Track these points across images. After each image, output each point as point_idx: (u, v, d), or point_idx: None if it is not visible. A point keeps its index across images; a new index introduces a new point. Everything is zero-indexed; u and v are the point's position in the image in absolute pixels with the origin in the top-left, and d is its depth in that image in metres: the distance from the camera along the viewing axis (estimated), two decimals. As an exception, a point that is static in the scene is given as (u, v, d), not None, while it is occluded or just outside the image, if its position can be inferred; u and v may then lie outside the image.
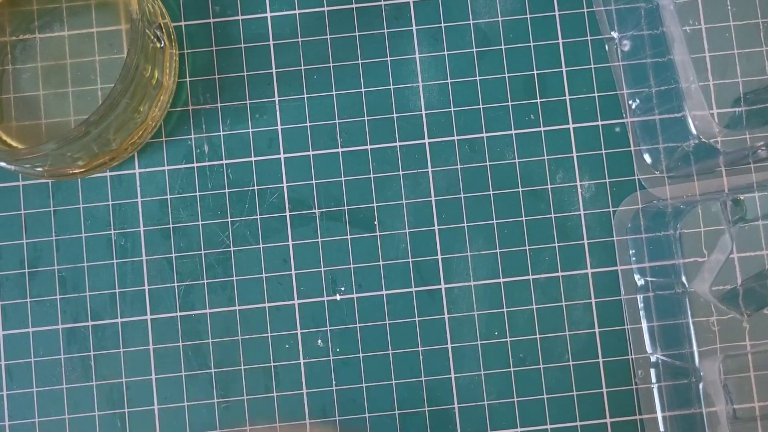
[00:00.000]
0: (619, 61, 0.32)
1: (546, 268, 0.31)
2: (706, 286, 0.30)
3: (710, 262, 0.30)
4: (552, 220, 0.31)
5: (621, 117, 0.32)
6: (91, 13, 0.31)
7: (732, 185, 0.31)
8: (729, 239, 0.30)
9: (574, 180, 0.32)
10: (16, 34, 0.31)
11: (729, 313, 0.30)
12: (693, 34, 0.32)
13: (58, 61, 0.31)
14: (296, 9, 0.32)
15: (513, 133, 0.32)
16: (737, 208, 0.30)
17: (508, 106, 0.32)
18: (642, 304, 0.31)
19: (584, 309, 0.31)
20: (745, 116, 0.31)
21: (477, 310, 0.31)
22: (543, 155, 0.32)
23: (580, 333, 0.31)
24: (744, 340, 0.30)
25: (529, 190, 0.32)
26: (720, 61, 0.32)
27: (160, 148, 0.32)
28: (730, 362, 0.30)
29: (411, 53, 0.32)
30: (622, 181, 0.32)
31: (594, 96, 0.32)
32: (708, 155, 0.30)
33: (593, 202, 0.32)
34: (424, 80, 0.32)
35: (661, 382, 0.31)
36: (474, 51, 0.32)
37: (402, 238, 0.31)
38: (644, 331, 0.31)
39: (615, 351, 0.31)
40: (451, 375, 0.31)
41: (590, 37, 0.32)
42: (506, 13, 0.32)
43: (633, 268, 0.31)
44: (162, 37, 0.30)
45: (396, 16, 0.32)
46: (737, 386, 0.30)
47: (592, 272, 0.31)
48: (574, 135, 0.32)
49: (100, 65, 0.31)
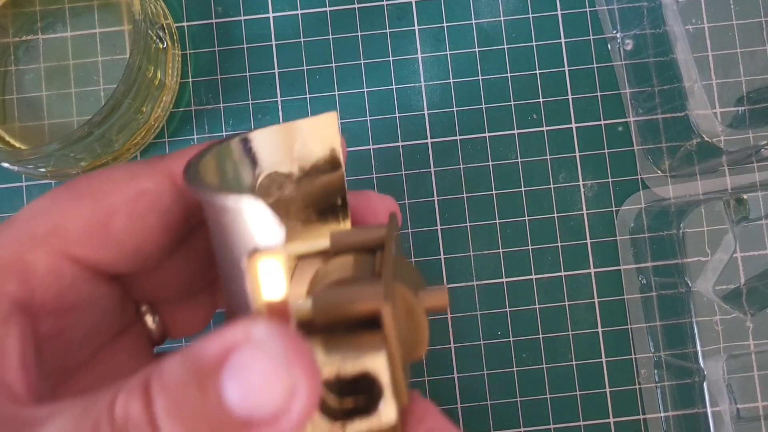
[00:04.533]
0: (622, 61, 0.32)
1: (549, 268, 0.31)
2: (709, 285, 0.30)
3: (713, 262, 0.30)
4: (555, 220, 0.31)
5: (624, 116, 0.32)
6: (94, 14, 0.31)
7: (735, 184, 0.31)
8: (732, 238, 0.30)
9: (577, 180, 0.32)
10: (19, 35, 0.31)
11: (732, 312, 0.30)
12: (696, 33, 0.32)
13: (61, 62, 0.31)
14: (298, 9, 0.32)
15: (515, 133, 0.32)
16: (740, 207, 0.30)
17: (510, 105, 0.32)
18: (645, 304, 0.31)
19: (587, 309, 0.31)
20: (748, 115, 0.31)
21: (480, 310, 0.31)
22: (546, 155, 0.32)
23: (583, 333, 0.31)
24: (747, 340, 0.30)
25: (531, 190, 0.32)
26: (723, 60, 0.32)
27: (163, 149, 0.32)
28: (733, 362, 0.30)
29: (413, 53, 0.32)
30: (625, 180, 0.32)
31: (596, 95, 0.32)
32: (711, 154, 0.30)
33: (596, 202, 0.32)
34: (426, 80, 0.32)
35: (665, 382, 0.31)
36: (476, 51, 0.32)
37: (405, 238, 0.31)
38: (647, 330, 0.31)
39: (618, 351, 0.31)
40: (454, 375, 0.31)
41: (593, 36, 0.32)
42: (508, 12, 0.32)
43: (636, 267, 0.31)
44: (164, 37, 0.30)
45: (398, 16, 0.32)
46: (741, 386, 0.30)
47: (595, 272, 0.31)
48: (577, 135, 0.32)
49: (102, 66, 0.31)
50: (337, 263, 0.20)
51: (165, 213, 0.20)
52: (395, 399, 0.17)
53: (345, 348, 0.17)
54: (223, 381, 0.15)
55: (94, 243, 0.19)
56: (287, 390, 0.14)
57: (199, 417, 0.15)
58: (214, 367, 0.15)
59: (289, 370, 0.14)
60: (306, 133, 0.20)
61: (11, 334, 0.17)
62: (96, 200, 0.19)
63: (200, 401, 0.15)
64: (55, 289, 0.18)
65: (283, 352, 0.14)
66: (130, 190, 0.19)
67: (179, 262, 0.22)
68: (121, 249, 0.19)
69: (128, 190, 0.19)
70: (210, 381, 0.15)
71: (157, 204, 0.19)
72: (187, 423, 0.15)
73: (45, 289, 0.18)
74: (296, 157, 0.21)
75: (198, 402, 0.15)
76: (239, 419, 0.15)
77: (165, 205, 0.19)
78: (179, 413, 0.15)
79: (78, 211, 0.19)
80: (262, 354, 0.14)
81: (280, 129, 0.20)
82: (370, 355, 0.16)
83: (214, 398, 0.15)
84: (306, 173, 0.21)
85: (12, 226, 0.19)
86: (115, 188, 0.19)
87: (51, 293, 0.18)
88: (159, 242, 0.20)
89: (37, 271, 0.18)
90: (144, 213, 0.19)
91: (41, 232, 0.18)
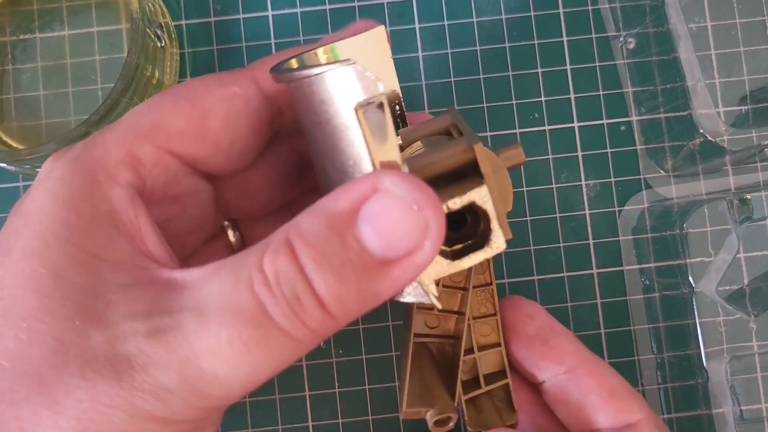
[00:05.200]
0: (624, 59, 0.32)
1: (551, 268, 0.31)
2: (712, 286, 0.30)
3: (717, 262, 0.30)
4: (557, 220, 0.31)
5: (626, 115, 0.32)
6: (92, 12, 0.31)
7: (738, 184, 0.31)
8: (735, 239, 0.30)
9: (579, 179, 0.31)
10: (17, 34, 0.31)
11: (736, 313, 0.30)
12: (699, 32, 0.32)
13: (59, 61, 0.31)
14: (298, 8, 0.32)
15: (517, 132, 0.32)
16: (744, 207, 0.29)
17: (512, 105, 0.32)
18: (647, 305, 0.31)
19: (590, 310, 0.31)
20: (751, 114, 0.31)
21: (481, 311, 0.31)
22: (548, 154, 0.31)
23: (585, 334, 0.31)
24: (751, 341, 0.30)
25: (533, 190, 0.31)
26: (726, 58, 0.32)
27: (162, 149, 0.32)
28: (736, 363, 0.30)
29: (414, 51, 0.32)
30: (628, 180, 0.31)
31: (599, 94, 0.32)
32: (714, 154, 0.30)
33: (598, 202, 0.31)
34: (427, 79, 0.32)
35: (667, 384, 0.30)
36: (477, 49, 0.32)
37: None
38: (650, 331, 0.31)
39: (621, 352, 0.31)
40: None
41: (595, 35, 0.32)
42: (510, 10, 0.32)
43: (639, 268, 0.31)
44: (163, 36, 0.30)
45: (399, 14, 0.32)
46: (744, 387, 0.30)
47: (598, 272, 0.31)
48: (579, 134, 0.32)
49: (100, 65, 0.31)
50: (413, 150, 0.21)
51: (253, 115, 0.22)
52: (502, 229, 0.19)
53: (450, 192, 0.19)
54: (361, 228, 0.17)
55: (192, 140, 0.21)
56: (421, 227, 0.17)
57: (344, 263, 0.17)
58: (348, 217, 0.17)
59: (421, 211, 0.17)
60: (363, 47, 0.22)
61: (141, 215, 0.20)
62: (193, 102, 0.21)
63: (342, 249, 0.17)
64: (162, 179, 0.21)
65: (413, 195, 0.17)
66: (222, 94, 0.21)
67: (260, 175, 0.24)
68: (215, 146, 0.21)
69: (220, 94, 0.21)
70: (348, 230, 0.17)
71: (246, 106, 0.22)
72: (333, 270, 0.17)
73: (153, 179, 0.21)
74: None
75: (340, 250, 0.17)
76: (380, 259, 0.17)
77: (253, 108, 0.22)
78: (325, 263, 0.17)
79: (178, 111, 0.21)
80: (394, 199, 0.17)
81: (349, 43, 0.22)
82: (474, 190, 0.19)
83: (354, 244, 0.17)
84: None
85: (120, 126, 0.21)
86: (209, 92, 0.21)
87: (159, 183, 0.21)
88: (248, 143, 0.22)
89: (145, 163, 0.20)
90: (235, 113, 0.22)
91: (146, 129, 0.20)
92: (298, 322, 0.17)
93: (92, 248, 0.18)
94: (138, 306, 0.18)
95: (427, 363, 0.25)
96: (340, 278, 0.17)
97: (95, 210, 0.19)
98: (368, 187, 0.17)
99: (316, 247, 0.17)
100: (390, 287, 0.17)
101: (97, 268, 0.18)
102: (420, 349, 0.25)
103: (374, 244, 0.17)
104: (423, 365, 0.25)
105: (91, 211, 0.19)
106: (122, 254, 0.19)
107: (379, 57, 0.22)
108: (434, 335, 0.25)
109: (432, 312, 0.25)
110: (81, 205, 0.19)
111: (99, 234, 0.19)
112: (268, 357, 0.17)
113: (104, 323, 0.18)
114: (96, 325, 0.18)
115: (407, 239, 0.17)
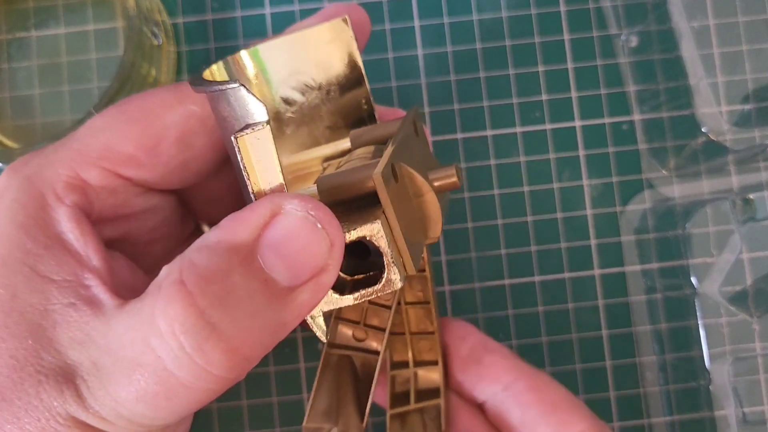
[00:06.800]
0: (626, 58, 0.32)
1: (552, 269, 0.31)
2: (715, 287, 0.30)
3: (719, 263, 0.30)
4: (558, 220, 0.31)
5: (628, 114, 0.31)
6: (88, 10, 0.31)
7: (741, 184, 0.31)
8: (738, 239, 0.30)
9: (581, 179, 0.31)
10: (12, 32, 0.31)
11: (738, 314, 0.29)
12: (701, 30, 0.31)
13: (54, 60, 0.31)
14: (296, 5, 0.32)
15: (518, 131, 0.31)
16: (747, 207, 0.29)
17: (512, 103, 0.31)
18: (650, 306, 0.31)
19: (591, 311, 0.31)
20: (754, 113, 0.31)
21: (481, 313, 0.31)
22: (549, 153, 0.31)
23: (587, 336, 0.30)
24: (754, 342, 0.30)
25: (534, 189, 0.31)
26: (729, 57, 0.31)
27: (158, 148, 0.31)
28: (739, 364, 0.30)
29: (414, 49, 0.32)
30: (630, 180, 0.31)
31: (600, 93, 0.31)
32: (717, 153, 0.30)
33: (600, 202, 0.31)
34: (427, 77, 0.32)
35: (670, 385, 0.30)
36: (478, 47, 0.32)
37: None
38: (652, 333, 0.31)
39: (622, 353, 0.30)
40: (456, 378, 0.30)
41: (596, 33, 0.32)
42: (511, 8, 0.32)
43: (641, 269, 0.31)
44: (159, 34, 0.30)
45: (398, 12, 0.32)
46: (747, 389, 0.30)
47: (599, 273, 0.31)
48: (581, 133, 0.31)
49: (96, 63, 0.31)
50: (356, 156, 0.21)
51: (210, 133, 0.21)
52: (396, 266, 0.18)
53: (352, 220, 0.18)
54: (264, 255, 0.16)
55: (142, 164, 0.21)
56: (327, 246, 0.17)
57: (250, 296, 0.16)
58: (250, 247, 0.16)
59: (325, 230, 0.16)
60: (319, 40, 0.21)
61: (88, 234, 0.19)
62: (147, 122, 0.21)
63: (246, 281, 0.16)
64: (110, 202, 0.21)
65: (316, 214, 0.16)
66: (178, 113, 0.21)
67: (224, 182, 0.24)
68: (167, 168, 0.21)
69: (176, 114, 0.21)
70: (251, 260, 0.16)
71: (202, 125, 0.21)
72: (241, 305, 0.16)
73: (102, 201, 0.21)
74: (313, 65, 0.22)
75: (245, 282, 0.16)
76: (286, 286, 0.16)
77: (210, 126, 0.21)
78: (231, 299, 0.16)
79: (131, 135, 0.20)
80: (297, 221, 0.16)
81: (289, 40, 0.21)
82: (367, 225, 0.18)
83: (259, 274, 0.16)
84: (327, 81, 0.22)
85: (70, 145, 0.20)
86: (164, 111, 0.21)
87: (107, 205, 0.21)
88: (205, 160, 0.22)
89: (93, 186, 0.20)
90: (191, 134, 0.21)
91: (95, 153, 0.20)
92: (203, 373, 0.16)
93: (43, 269, 0.19)
94: (77, 332, 0.18)
95: (346, 377, 0.24)
96: (248, 313, 0.16)
97: (47, 231, 0.19)
98: (267, 213, 0.17)
99: (218, 283, 0.16)
100: (298, 313, 0.17)
101: (46, 289, 0.18)
102: (342, 362, 0.24)
103: (280, 270, 0.16)
104: (341, 379, 0.24)
105: (43, 233, 0.19)
106: (68, 274, 0.19)
107: (341, 46, 0.22)
108: (360, 349, 0.25)
109: (359, 325, 0.24)
110: (34, 227, 0.19)
111: (48, 255, 0.19)
112: (181, 407, 0.17)
113: (53, 345, 0.18)
114: (46, 346, 0.18)
115: (313, 260, 0.17)
